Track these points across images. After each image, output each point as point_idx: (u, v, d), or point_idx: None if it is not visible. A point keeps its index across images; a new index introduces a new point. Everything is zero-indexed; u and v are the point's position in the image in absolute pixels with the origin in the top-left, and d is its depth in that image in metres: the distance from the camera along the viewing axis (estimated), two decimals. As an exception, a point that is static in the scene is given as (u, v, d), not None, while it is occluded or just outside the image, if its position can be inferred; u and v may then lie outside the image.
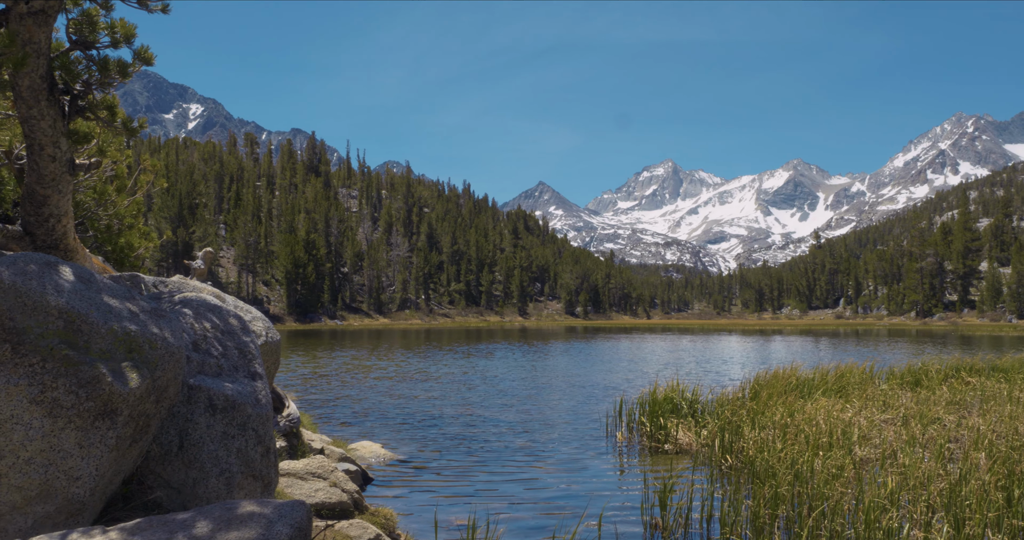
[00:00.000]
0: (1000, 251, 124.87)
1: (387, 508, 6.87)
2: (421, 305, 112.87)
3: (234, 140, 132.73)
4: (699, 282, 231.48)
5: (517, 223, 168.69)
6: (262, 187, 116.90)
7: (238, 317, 5.79)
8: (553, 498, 8.05)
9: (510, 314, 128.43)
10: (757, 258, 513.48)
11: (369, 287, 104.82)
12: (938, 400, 12.39)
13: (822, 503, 6.27)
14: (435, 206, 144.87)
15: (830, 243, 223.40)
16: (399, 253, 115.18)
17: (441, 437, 11.81)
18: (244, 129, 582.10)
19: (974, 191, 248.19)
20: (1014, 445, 8.33)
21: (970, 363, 17.49)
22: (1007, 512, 5.98)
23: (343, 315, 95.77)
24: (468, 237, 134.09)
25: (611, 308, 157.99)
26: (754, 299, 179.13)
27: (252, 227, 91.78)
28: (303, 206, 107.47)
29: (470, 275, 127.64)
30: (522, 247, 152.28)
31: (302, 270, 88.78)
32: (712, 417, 11.21)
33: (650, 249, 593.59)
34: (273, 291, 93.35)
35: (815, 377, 14.22)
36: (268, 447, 5.28)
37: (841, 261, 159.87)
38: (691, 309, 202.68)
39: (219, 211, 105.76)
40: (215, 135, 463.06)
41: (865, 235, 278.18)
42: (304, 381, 20.13)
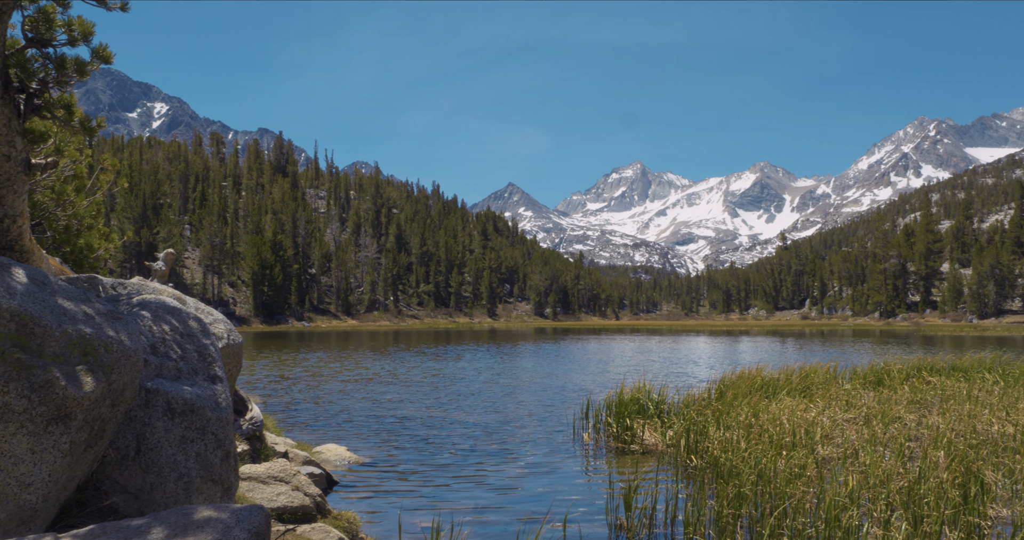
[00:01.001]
0: (961, 252, 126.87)
1: (350, 512, 6.81)
2: (390, 306, 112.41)
3: (200, 139, 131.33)
4: (667, 283, 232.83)
5: (486, 224, 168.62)
6: (228, 187, 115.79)
7: (198, 319, 5.71)
8: (519, 500, 8.03)
9: (479, 315, 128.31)
10: (725, 259, 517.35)
11: (337, 288, 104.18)
12: (899, 399, 12.54)
13: (784, 502, 6.31)
14: (404, 207, 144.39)
15: (796, 245, 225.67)
16: (367, 254, 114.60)
17: (408, 440, 11.75)
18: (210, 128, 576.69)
19: (936, 194, 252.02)
20: (971, 443, 8.45)
21: (931, 363, 17.72)
22: (963, 509, 6.06)
23: (310, 317, 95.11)
24: (437, 238, 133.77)
25: (580, 309, 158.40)
26: (722, 300, 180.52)
27: (218, 228, 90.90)
28: (270, 207, 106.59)
29: (439, 276, 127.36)
30: (491, 248, 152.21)
31: (269, 271, 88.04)
32: (678, 418, 11.26)
33: (619, 250, 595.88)
34: (239, 292, 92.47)
35: (780, 377, 14.33)
36: (228, 451, 5.20)
37: (807, 262, 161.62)
38: (659, 310, 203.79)
39: (184, 212, 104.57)
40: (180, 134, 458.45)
41: (830, 237, 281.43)
42: (270, 384, 19.94)
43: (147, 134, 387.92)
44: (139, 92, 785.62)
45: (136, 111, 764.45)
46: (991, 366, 17.56)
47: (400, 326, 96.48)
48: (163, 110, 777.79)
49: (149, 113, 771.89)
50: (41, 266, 6.59)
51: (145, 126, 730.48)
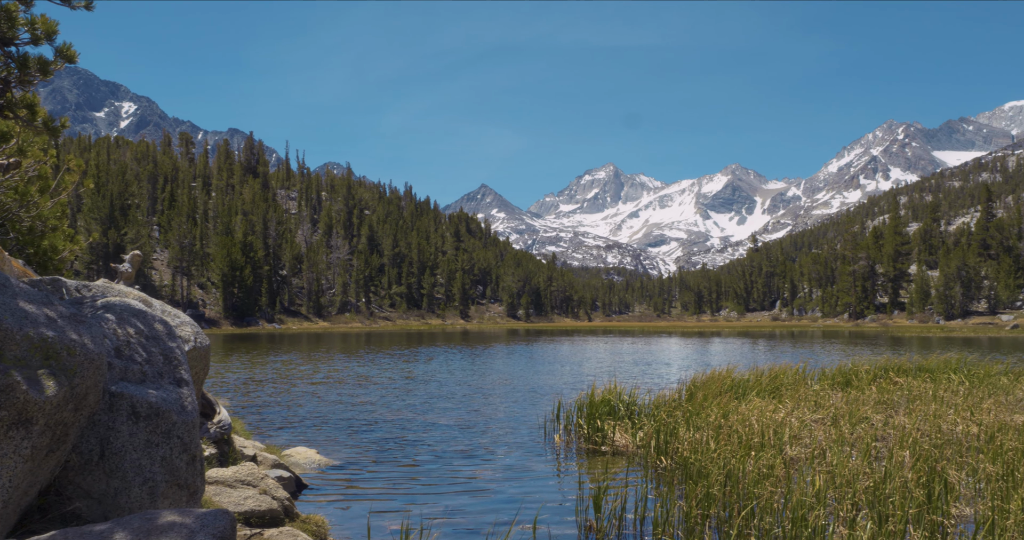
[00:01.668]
0: (928, 255, 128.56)
1: (319, 515, 6.77)
2: (362, 308, 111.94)
3: (168, 139, 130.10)
4: (640, 285, 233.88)
5: (459, 226, 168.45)
6: (198, 188, 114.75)
7: (164, 322, 5.65)
8: (490, 502, 8.02)
9: (452, 317, 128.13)
10: (696, 261, 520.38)
11: (308, 290, 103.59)
12: (867, 400, 12.67)
13: (752, 502, 6.36)
14: (376, 208, 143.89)
15: (767, 247, 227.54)
16: (339, 255, 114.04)
17: (379, 442, 11.70)
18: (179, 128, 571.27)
19: (904, 196, 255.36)
20: (936, 443, 8.56)
21: (898, 364, 17.91)
22: (927, 508, 6.14)
23: (281, 318, 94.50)
24: (410, 239, 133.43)
25: (553, 311, 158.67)
26: (693, 301, 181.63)
27: (187, 229, 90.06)
28: (240, 207, 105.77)
29: (411, 278, 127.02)
30: (464, 250, 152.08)
31: (239, 273, 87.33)
32: (648, 419, 11.30)
33: (592, 252, 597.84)
34: (209, 294, 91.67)
35: (750, 378, 14.43)
36: (194, 455, 5.15)
37: (777, 264, 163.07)
38: (632, 311, 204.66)
39: (152, 212, 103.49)
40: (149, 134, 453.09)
41: (801, 239, 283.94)
42: (239, 386, 19.78)
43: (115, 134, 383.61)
44: (107, 91, 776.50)
45: (104, 110, 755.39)
46: (956, 367, 17.80)
47: (372, 328, 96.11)
48: (131, 109, 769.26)
49: (117, 113, 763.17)
50: (3, 268, 6.49)
51: (113, 126, 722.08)
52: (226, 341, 50.61)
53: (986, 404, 11.73)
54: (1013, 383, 15.16)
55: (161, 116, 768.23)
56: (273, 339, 55.78)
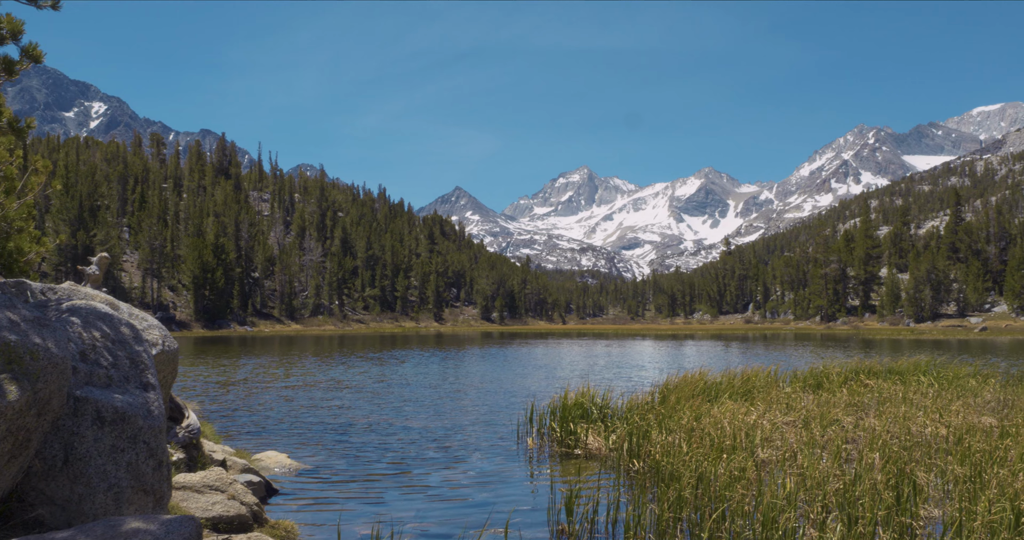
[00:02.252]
0: (899, 258, 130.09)
1: (288, 521, 6.71)
2: (335, 311, 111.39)
3: (139, 140, 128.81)
4: (614, 287, 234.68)
5: (433, 228, 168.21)
6: (169, 189, 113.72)
7: (130, 325, 5.58)
8: (462, 506, 7.99)
9: (426, 320, 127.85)
10: (670, 264, 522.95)
11: (281, 292, 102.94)
12: (838, 402, 12.75)
13: (723, 505, 6.37)
14: (350, 210, 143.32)
15: (740, 250, 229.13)
16: (312, 258, 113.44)
17: (351, 446, 11.63)
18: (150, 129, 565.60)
19: (875, 200, 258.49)
20: (906, 445, 8.64)
21: (869, 366, 18.06)
22: (896, 509, 6.19)
23: (253, 321, 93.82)
24: (383, 242, 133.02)
25: (527, 313, 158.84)
26: (667, 304, 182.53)
27: (158, 230, 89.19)
28: (212, 209, 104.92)
29: (385, 280, 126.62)
30: (438, 252, 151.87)
31: (210, 275, 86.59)
32: (621, 422, 11.30)
33: (566, 255, 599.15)
34: (180, 296, 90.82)
35: (723, 381, 14.49)
36: (161, 460, 5.09)
37: (750, 267, 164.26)
38: (606, 314, 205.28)
39: (122, 214, 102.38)
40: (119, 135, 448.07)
41: (773, 242, 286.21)
42: (210, 390, 19.60)
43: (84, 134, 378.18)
44: (76, 91, 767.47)
45: (73, 110, 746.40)
46: (926, 369, 17.98)
47: (345, 330, 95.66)
48: (101, 110, 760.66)
49: (87, 113, 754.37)
50: (-34, 270, 6.38)
51: (82, 126, 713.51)
52: (197, 344, 50.15)
53: (955, 406, 11.86)
54: (981, 385, 15.35)
55: (132, 116, 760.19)
56: (245, 342, 55.35)
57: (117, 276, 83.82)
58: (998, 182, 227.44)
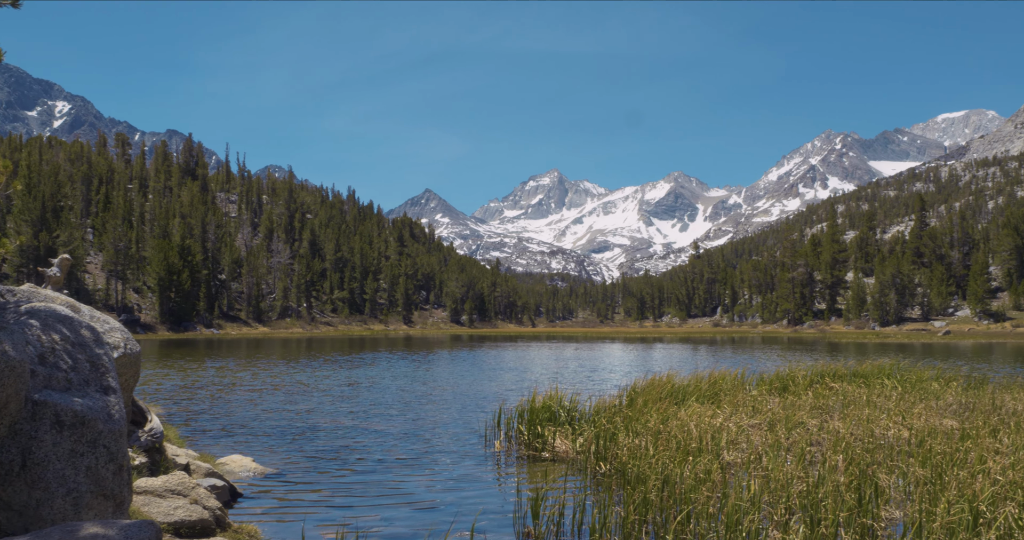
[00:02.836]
0: (865, 262, 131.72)
1: (252, 525, 6.64)
2: (303, 313, 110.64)
3: (104, 140, 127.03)
4: (583, 290, 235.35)
5: (403, 230, 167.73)
6: (134, 190, 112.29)
7: (91, 328, 5.50)
8: (428, 509, 7.96)
9: (395, 322, 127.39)
10: (639, 267, 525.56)
11: (248, 295, 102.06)
12: (803, 405, 12.87)
13: (688, 507, 6.41)
14: (318, 212, 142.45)
15: (708, 253, 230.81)
16: (280, 260, 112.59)
17: (318, 450, 11.55)
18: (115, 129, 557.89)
19: (841, 205, 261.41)
20: (869, 447, 8.74)
21: (834, 369, 18.25)
22: (858, 511, 6.25)
23: (220, 324, 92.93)
24: (352, 244, 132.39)
25: (497, 316, 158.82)
26: (636, 307, 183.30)
27: (122, 231, 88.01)
28: (178, 210, 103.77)
29: (354, 283, 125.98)
30: (408, 255, 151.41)
31: (176, 277, 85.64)
32: (589, 425, 11.32)
33: (536, 258, 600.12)
34: (145, 299, 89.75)
35: (690, 384, 14.55)
36: (121, 464, 5.02)
37: (719, 271, 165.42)
38: (575, 317, 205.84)
39: (87, 215, 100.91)
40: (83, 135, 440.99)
41: (741, 246, 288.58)
42: (175, 393, 19.38)
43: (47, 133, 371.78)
44: (39, 90, 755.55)
45: (36, 109, 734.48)
46: (890, 372, 18.20)
47: (313, 333, 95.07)
48: (65, 109, 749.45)
49: (50, 112, 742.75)
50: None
51: (46, 125, 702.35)
52: (162, 347, 49.59)
53: (917, 409, 12.02)
54: (944, 388, 15.56)
55: (96, 116, 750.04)
56: (211, 345, 54.80)
57: (80, 278, 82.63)
58: (962, 188, 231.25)
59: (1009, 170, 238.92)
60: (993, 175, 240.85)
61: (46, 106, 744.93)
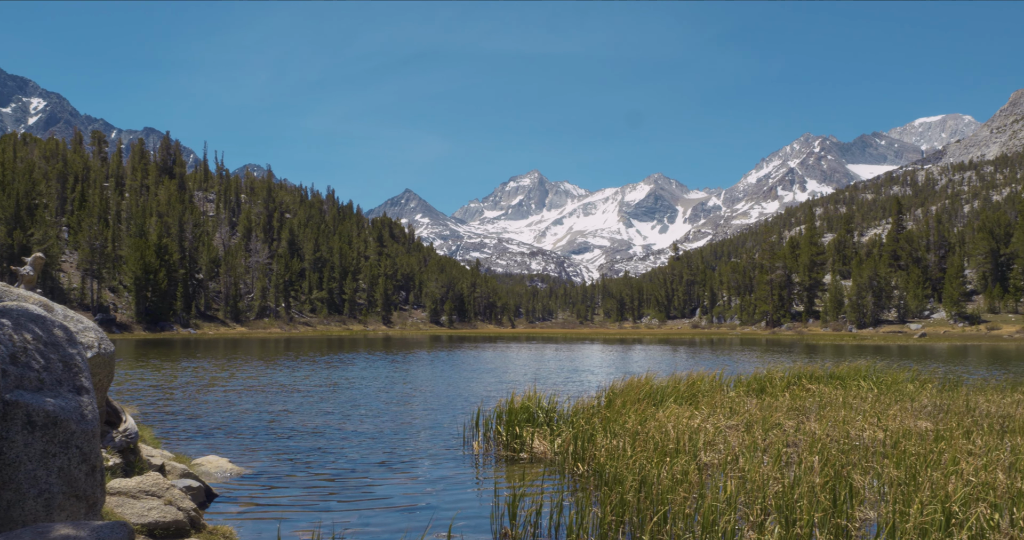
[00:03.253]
0: (842, 265, 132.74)
1: (227, 526, 6.60)
2: (281, 313, 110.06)
3: (80, 138, 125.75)
4: (563, 292, 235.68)
5: (382, 231, 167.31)
6: (110, 188, 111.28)
7: (64, 328, 5.44)
8: (405, 510, 7.94)
9: (374, 323, 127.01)
10: (619, 269, 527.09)
11: (226, 294, 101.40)
12: (780, 406, 12.94)
13: (665, 508, 6.43)
14: (297, 212, 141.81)
15: (688, 255, 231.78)
16: (258, 259, 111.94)
17: (295, 450, 11.49)
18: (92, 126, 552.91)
19: (820, 208, 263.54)
20: (844, 448, 8.80)
21: (811, 371, 18.38)
22: (833, 511, 6.30)
23: (197, 323, 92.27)
24: (331, 244, 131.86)
25: (476, 317, 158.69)
26: (616, 309, 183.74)
27: (98, 230, 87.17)
28: (155, 209, 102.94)
29: (333, 283, 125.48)
30: (387, 255, 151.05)
31: (153, 276, 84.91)
32: (567, 425, 11.33)
33: (516, 258, 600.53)
34: (121, 298, 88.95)
35: (668, 385, 14.60)
36: (94, 465, 4.97)
37: (698, 273, 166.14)
38: (555, 318, 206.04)
39: (61, 213, 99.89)
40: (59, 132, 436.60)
41: (720, 248, 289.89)
42: (151, 393, 19.22)
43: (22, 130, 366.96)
44: (14, 86, 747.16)
45: (10, 106, 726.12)
46: (866, 374, 18.34)
47: (292, 333, 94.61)
48: (40, 106, 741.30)
49: (25, 109, 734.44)
50: None
51: (20, 122, 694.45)
52: (138, 346, 49.18)
53: (892, 410, 12.12)
54: (919, 390, 15.71)
55: (72, 113, 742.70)
56: (188, 344, 54.41)
57: (55, 277, 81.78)
58: (938, 192, 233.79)
59: (985, 174, 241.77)
60: (969, 179, 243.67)
61: (20, 103, 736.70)
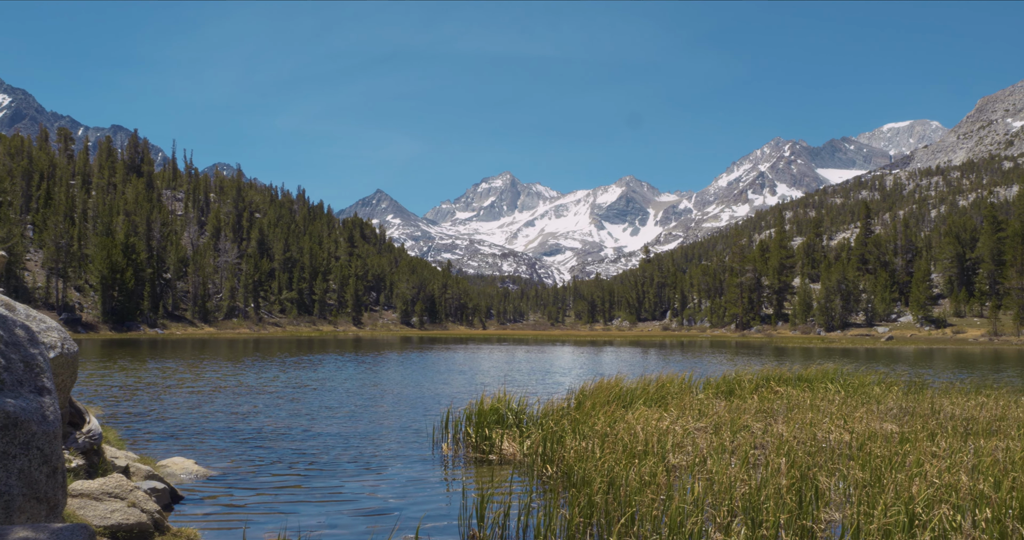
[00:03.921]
0: (811, 268, 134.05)
1: (192, 528, 6.52)
2: (250, 313, 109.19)
3: (46, 135, 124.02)
4: (535, 293, 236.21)
5: (353, 231, 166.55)
6: (77, 186, 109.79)
7: (25, 327, 5.35)
8: (373, 512, 7.90)
9: (344, 323, 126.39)
10: (591, 271, 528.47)
11: (194, 294, 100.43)
12: (748, 408, 13.03)
13: (632, 509, 6.44)
14: (267, 211, 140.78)
15: (659, 258, 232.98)
16: (227, 259, 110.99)
17: (262, 452, 11.39)
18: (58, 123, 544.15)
19: (789, 211, 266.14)
20: (810, 450, 8.88)
21: (779, 373, 18.52)
22: (798, 513, 6.35)
23: (165, 323, 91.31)
24: (302, 244, 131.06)
25: (447, 318, 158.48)
26: (587, 310, 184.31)
27: (64, 228, 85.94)
28: (123, 207, 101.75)
29: (303, 283, 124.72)
30: (358, 255, 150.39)
31: (120, 275, 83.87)
32: (536, 427, 11.34)
33: (487, 260, 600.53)
34: (87, 297, 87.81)
35: (638, 387, 14.65)
36: (56, 467, 4.89)
37: (669, 275, 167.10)
38: (526, 320, 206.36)
39: (26, 211, 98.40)
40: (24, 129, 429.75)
41: (691, 250, 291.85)
42: (117, 394, 18.98)
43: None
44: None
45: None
46: (833, 377, 18.53)
47: (261, 334, 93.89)
48: (5, 102, 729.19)
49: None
50: None
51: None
52: (104, 347, 48.57)
53: (858, 413, 12.24)
54: (885, 393, 15.88)
55: (38, 110, 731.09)
56: (155, 345, 53.82)
57: (19, 276, 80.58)
58: (906, 196, 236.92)
59: (951, 180, 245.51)
60: (936, 184, 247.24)
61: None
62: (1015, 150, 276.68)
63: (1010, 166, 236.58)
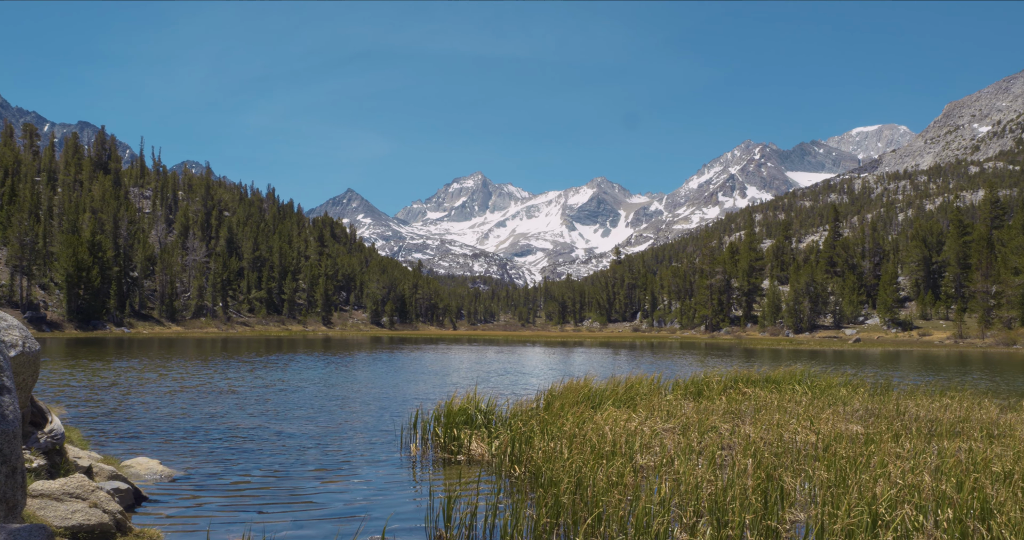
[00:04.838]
0: (780, 270, 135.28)
1: (155, 529, 6.44)
2: (218, 313, 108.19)
3: (11, 131, 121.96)
4: (505, 294, 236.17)
5: (323, 230, 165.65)
6: (42, 183, 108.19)
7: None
8: (339, 513, 7.85)
9: (313, 323, 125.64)
10: (562, 271, 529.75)
11: (162, 293, 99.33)
12: (716, 409, 13.12)
13: (599, 510, 6.46)
14: (236, 210, 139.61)
15: (629, 259, 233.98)
16: (196, 258, 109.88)
17: (229, 452, 11.28)
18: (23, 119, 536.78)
19: (759, 214, 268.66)
20: (777, 451, 8.95)
21: (747, 375, 18.67)
22: (764, 513, 6.39)
23: (131, 322, 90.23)
24: (271, 243, 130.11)
25: (418, 318, 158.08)
26: (558, 311, 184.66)
27: (29, 225, 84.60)
28: (89, 205, 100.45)
29: (272, 282, 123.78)
30: (328, 255, 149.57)
31: (86, 273, 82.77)
32: (505, 428, 11.33)
33: (458, 260, 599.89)
34: (52, 295, 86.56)
35: (607, 388, 14.70)
36: (15, 467, 4.80)
37: (639, 276, 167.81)
38: (497, 320, 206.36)
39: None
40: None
41: (662, 252, 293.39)
42: (81, 393, 18.71)
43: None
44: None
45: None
46: (801, 378, 18.70)
47: (229, 333, 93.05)
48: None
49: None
50: None
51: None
52: (69, 345, 47.89)
53: (825, 414, 12.37)
54: (851, 394, 16.06)
55: (3, 105, 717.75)
56: (121, 344, 53.15)
57: (-17, 273, 79.24)
58: (874, 200, 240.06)
59: (919, 184, 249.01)
60: (903, 188, 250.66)
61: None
62: (981, 155, 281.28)
63: (976, 171, 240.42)
